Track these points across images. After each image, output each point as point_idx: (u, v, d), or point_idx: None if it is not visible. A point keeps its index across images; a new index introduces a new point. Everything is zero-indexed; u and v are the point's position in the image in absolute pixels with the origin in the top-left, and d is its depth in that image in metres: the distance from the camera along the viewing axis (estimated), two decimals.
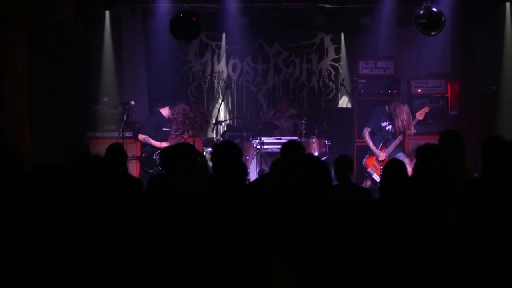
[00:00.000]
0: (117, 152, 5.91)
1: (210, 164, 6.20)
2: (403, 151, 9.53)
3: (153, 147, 8.60)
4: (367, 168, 9.01)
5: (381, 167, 8.74)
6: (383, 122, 9.11)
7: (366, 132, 9.16)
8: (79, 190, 4.12)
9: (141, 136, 8.74)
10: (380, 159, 8.89)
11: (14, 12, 7.94)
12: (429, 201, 4.10)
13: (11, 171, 4.55)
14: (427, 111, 9.16)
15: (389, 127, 9.09)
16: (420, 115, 9.06)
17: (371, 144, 9.05)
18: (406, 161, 8.29)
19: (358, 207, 4.45)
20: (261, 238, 3.83)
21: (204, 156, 6.29)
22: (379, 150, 8.95)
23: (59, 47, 9.27)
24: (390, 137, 9.04)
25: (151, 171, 8.27)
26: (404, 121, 8.88)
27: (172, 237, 3.87)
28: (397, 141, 8.97)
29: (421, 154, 5.21)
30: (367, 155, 9.14)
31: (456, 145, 5.67)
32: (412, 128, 8.98)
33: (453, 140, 5.73)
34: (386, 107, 9.10)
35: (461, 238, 3.87)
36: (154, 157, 8.54)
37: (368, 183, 8.97)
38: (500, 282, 3.71)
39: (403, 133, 8.93)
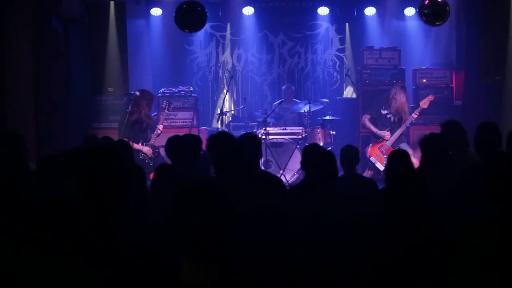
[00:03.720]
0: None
1: None
2: (408, 141, 9.53)
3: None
4: (370, 157, 9.01)
5: (385, 156, 8.76)
6: (383, 110, 9.11)
7: (366, 118, 9.19)
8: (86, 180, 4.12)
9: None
10: (386, 138, 8.89)
11: (19, 3, 7.96)
12: (434, 191, 4.11)
13: (17, 159, 4.57)
14: (431, 99, 9.11)
15: (390, 115, 9.08)
16: (424, 104, 9.03)
17: (373, 128, 9.06)
18: (410, 151, 8.29)
19: (363, 198, 4.46)
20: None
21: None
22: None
23: (64, 37, 9.29)
24: (393, 126, 9.04)
25: None
26: (400, 104, 8.91)
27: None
28: (400, 130, 8.96)
29: (424, 144, 5.23)
30: (371, 144, 9.15)
31: (458, 135, 5.69)
32: (408, 113, 9.01)
33: (455, 130, 5.75)
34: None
35: (464, 228, 3.88)
36: (141, 156, 8.51)
37: (369, 173, 8.97)
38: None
39: (398, 116, 8.95)
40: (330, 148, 9.29)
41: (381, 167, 8.80)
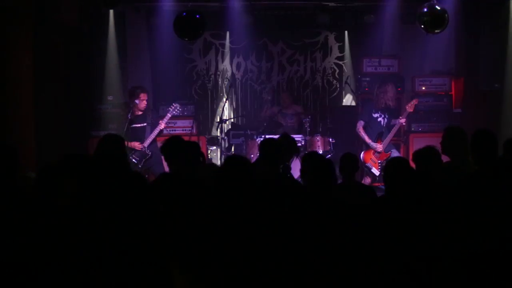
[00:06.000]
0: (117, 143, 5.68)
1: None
2: (407, 148, 9.54)
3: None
4: (365, 163, 9.00)
5: (379, 161, 8.79)
6: (374, 113, 9.11)
7: (360, 126, 9.11)
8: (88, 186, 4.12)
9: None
10: (378, 150, 8.88)
11: (19, 12, 7.97)
12: (434, 198, 4.11)
13: (10, 171, 4.59)
14: (416, 103, 9.26)
15: (381, 118, 9.08)
16: (410, 108, 9.14)
17: (366, 138, 9.02)
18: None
19: (363, 206, 4.45)
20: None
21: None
22: (375, 143, 8.95)
23: (64, 46, 9.30)
24: (383, 130, 9.04)
25: None
26: (388, 98, 9.04)
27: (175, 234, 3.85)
28: (391, 135, 8.97)
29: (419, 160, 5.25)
30: (364, 150, 9.13)
31: (460, 141, 5.69)
32: (395, 104, 9.26)
33: (457, 136, 5.75)
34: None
35: (463, 234, 3.88)
36: (131, 157, 8.47)
37: (368, 180, 8.96)
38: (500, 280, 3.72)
39: (387, 109, 9.01)
40: (329, 156, 9.29)
41: (376, 172, 8.82)
